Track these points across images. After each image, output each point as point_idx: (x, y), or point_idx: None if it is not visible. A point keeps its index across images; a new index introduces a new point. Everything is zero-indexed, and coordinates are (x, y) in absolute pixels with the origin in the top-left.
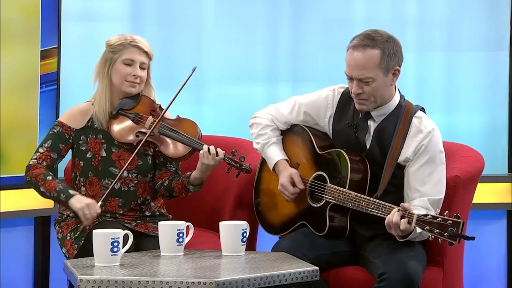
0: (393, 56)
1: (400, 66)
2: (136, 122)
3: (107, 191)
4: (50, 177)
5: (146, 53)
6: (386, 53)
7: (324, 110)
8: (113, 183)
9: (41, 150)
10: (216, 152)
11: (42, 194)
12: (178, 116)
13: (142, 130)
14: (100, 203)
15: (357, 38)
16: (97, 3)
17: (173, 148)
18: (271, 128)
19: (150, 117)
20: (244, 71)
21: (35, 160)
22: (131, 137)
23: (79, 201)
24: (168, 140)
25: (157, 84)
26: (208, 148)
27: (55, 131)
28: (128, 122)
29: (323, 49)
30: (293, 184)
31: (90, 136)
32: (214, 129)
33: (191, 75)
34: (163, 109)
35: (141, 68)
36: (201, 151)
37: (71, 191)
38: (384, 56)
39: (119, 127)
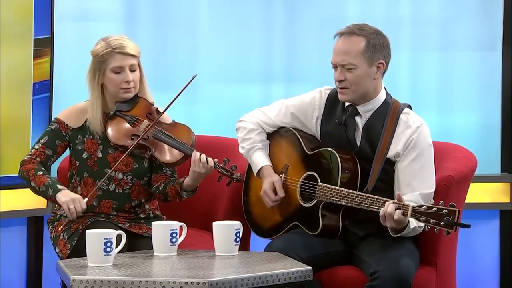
0: (379, 48)
1: (385, 61)
2: (132, 125)
3: (95, 188)
4: (41, 172)
5: (132, 55)
6: (371, 43)
7: (311, 111)
8: (102, 181)
9: (36, 147)
10: (207, 160)
11: (33, 189)
12: (173, 120)
13: (137, 133)
14: (86, 199)
15: (346, 27)
16: (91, 3)
17: (167, 153)
18: (256, 132)
19: (146, 120)
20: (239, 71)
21: (29, 156)
22: (126, 140)
23: (65, 195)
24: (162, 145)
25: (151, 85)
26: (200, 156)
27: (53, 127)
28: (124, 125)
29: (318, 49)
30: (275, 191)
31: (87, 136)
32: (209, 129)
33: (190, 82)
34: (159, 112)
35: (131, 71)
36: (192, 159)
37: (59, 186)
38: (369, 46)
39: (115, 129)
